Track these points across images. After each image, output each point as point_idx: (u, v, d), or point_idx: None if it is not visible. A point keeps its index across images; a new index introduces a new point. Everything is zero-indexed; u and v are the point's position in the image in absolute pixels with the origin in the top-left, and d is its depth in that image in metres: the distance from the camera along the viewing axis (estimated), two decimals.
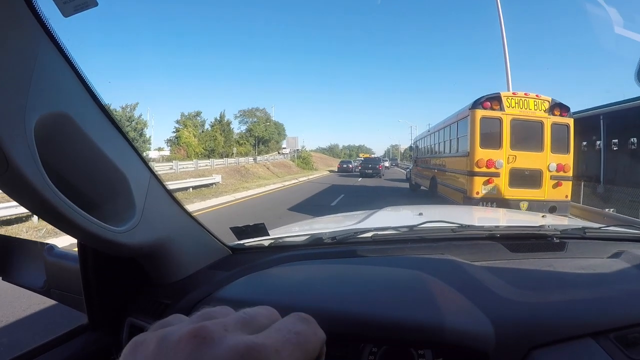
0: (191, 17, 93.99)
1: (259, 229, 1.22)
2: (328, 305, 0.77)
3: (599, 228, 1.34)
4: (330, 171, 41.25)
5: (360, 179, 25.36)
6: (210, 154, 42.57)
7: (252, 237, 1.23)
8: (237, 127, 60.98)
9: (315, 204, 11.99)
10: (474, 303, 0.74)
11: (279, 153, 52.57)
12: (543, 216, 1.79)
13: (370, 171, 28.41)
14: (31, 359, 0.83)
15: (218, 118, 51.26)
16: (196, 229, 1.02)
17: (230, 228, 1.23)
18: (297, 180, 24.78)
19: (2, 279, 1.02)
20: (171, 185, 11.84)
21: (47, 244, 1.03)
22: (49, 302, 1.04)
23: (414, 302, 0.77)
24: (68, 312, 1.03)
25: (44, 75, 0.52)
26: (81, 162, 0.67)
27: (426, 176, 13.20)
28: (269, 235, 1.26)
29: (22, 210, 9.06)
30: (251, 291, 0.90)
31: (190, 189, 16.05)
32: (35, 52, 0.51)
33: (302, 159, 47.00)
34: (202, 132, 48.35)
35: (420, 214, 1.60)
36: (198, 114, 49.76)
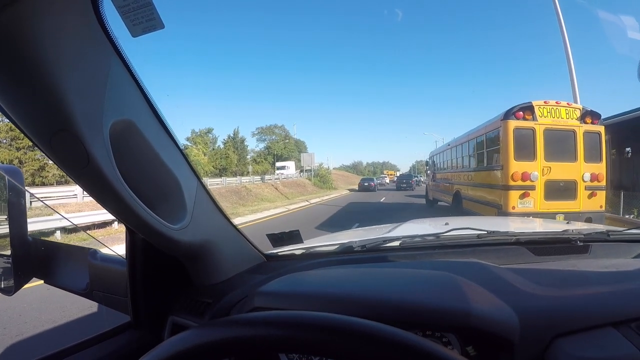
0: (212, 37, 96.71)
1: (294, 236, 1.30)
2: (360, 294, 0.82)
3: (623, 231, 1.34)
4: (351, 190, 39.40)
5: (383, 198, 24.84)
6: (221, 172, 41.22)
7: (287, 244, 1.31)
8: (255, 145, 60.45)
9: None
10: (499, 297, 0.77)
11: (270, 173, 44.38)
12: (567, 222, 1.82)
13: (405, 185, 37.39)
14: (78, 352, 0.92)
15: (232, 135, 49.71)
16: (235, 235, 1.09)
17: (267, 235, 1.31)
18: (307, 203, 22.29)
19: (45, 282, 1.04)
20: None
21: (90, 248, 1.06)
22: (90, 304, 1.09)
23: (442, 293, 0.80)
24: (108, 313, 1.09)
25: (114, 87, 0.60)
26: (142, 165, 0.74)
27: (447, 191, 12.88)
28: (302, 242, 1.34)
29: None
30: (291, 286, 0.93)
31: None
32: (108, 67, 0.58)
33: (320, 177, 44.00)
34: (213, 149, 46.77)
35: (446, 223, 1.66)
36: (209, 130, 48.26)
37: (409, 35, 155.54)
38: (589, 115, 7.58)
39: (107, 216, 10.68)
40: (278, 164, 50.74)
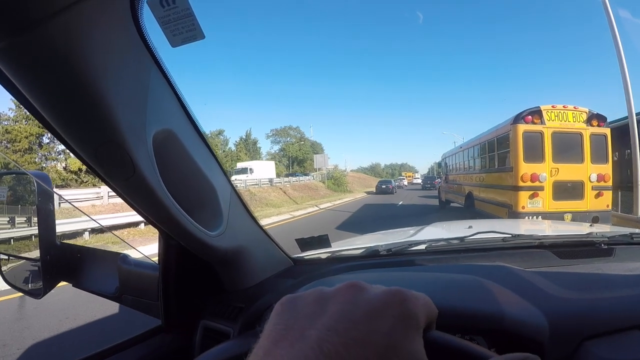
0: (231, 42, 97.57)
1: (323, 240, 1.34)
2: None
3: None
4: (368, 193, 38.40)
5: (401, 202, 24.11)
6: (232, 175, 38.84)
7: (316, 248, 1.33)
8: (270, 147, 59.23)
9: None
10: (527, 300, 0.77)
11: (284, 175, 36.57)
12: (590, 225, 1.81)
13: (429, 185, 41.41)
14: (110, 356, 0.94)
15: (244, 137, 48.95)
16: (266, 240, 1.10)
17: (296, 240, 1.35)
18: (316, 208, 20.71)
19: (73, 286, 1.06)
20: (120, 218, 10.73)
21: (120, 253, 1.08)
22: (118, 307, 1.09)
23: (475, 296, 0.80)
24: (135, 316, 1.08)
25: (155, 98, 0.61)
26: (182, 173, 0.76)
27: (460, 192, 13.07)
28: (331, 246, 1.36)
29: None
30: None
31: (143, 224, 11.81)
32: (148, 78, 0.60)
33: (334, 180, 42.08)
34: (224, 151, 45.93)
35: (470, 227, 1.66)
36: (220, 132, 47.73)
37: (428, 39, 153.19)
38: (595, 118, 7.85)
39: (78, 226, 10.21)
40: (239, 164, 38.85)
